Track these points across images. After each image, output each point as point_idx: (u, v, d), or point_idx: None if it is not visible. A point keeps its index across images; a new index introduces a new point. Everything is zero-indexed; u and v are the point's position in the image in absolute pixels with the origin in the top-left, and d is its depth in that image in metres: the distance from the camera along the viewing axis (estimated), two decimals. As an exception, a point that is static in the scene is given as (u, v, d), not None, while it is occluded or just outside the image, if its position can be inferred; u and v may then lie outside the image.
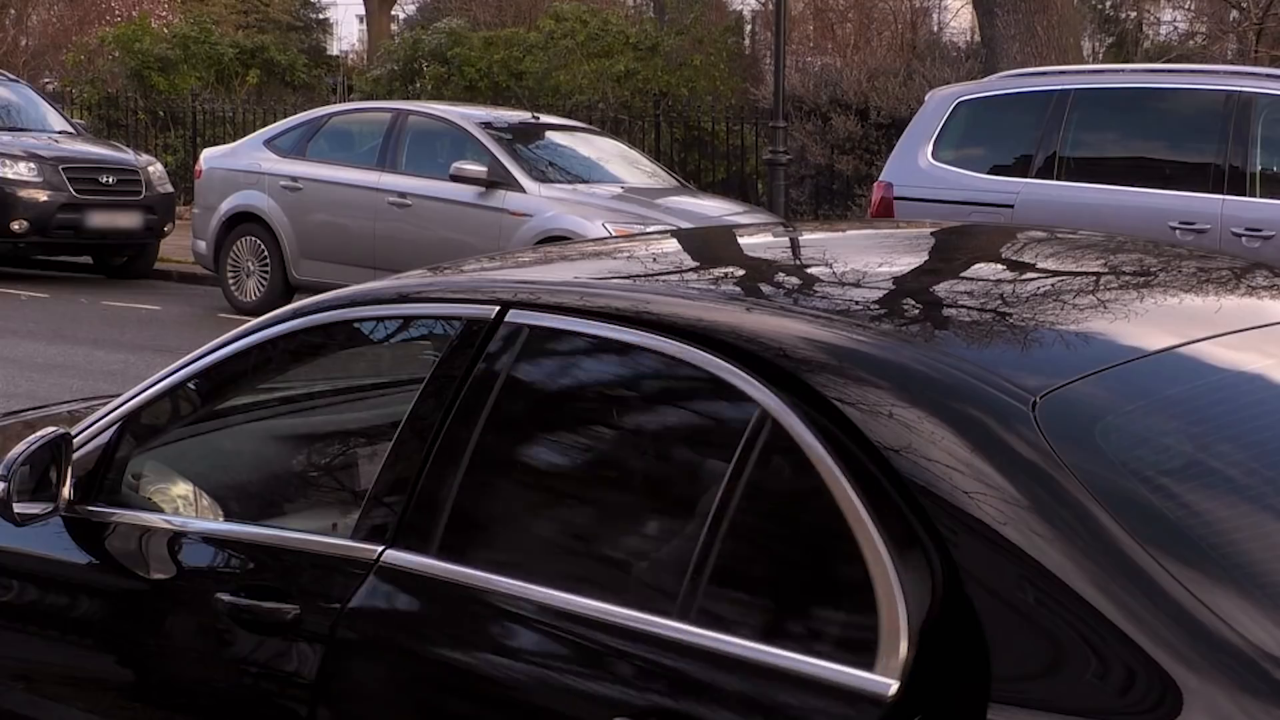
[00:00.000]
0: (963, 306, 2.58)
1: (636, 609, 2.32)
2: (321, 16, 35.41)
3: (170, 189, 15.81)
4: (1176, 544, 1.94)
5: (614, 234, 10.45)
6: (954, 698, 1.98)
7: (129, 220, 15.03)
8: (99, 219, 14.85)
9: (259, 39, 25.05)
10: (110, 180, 15.05)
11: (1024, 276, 2.89)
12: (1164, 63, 15.32)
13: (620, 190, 12.02)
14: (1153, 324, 2.52)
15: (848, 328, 2.30)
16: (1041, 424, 2.04)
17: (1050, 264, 3.03)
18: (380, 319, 3.09)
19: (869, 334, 2.29)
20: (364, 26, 33.23)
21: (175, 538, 3.04)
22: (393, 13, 30.13)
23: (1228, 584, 1.91)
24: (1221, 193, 8.71)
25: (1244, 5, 17.73)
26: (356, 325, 3.10)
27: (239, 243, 13.15)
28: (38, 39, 28.52)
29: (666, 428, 2.60)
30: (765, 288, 2.76)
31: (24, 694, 3.24)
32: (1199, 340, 2.41)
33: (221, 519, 3.31)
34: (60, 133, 16.19)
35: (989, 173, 9.59)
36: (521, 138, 12.50)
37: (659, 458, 2.59)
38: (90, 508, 3.12)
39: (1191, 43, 20.20)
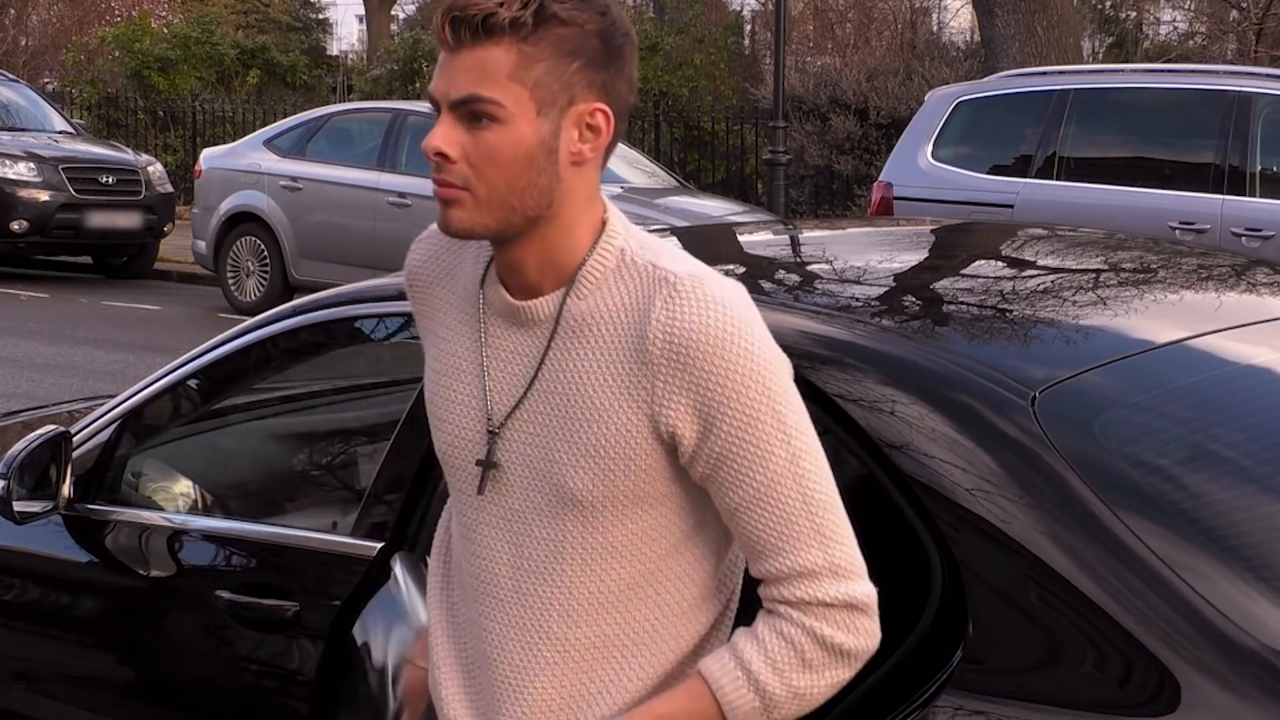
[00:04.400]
0: (964, 303, 2.58)
1: None
2: (321, 16, 35.40)
3: (170, 189, 15.80)
4: (1178, 537, 1.94)
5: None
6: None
7: (129, 220, 15.02)
8: (99, 219, 14.84)
9: (259, 39, 25.06)
10: (110, 180, 15.04)
11: (1024, 273, 2.89)
12: (1164, 63, 15.32)
13: (620, 190, 12.01)
14: (1153, 319, 2.52)
15: (849, 324, 2.30)
16: (1042, 418, 2.04)
17: (1051, 260, 3.03)
18: (381, 316, 3.08)
19: (870, 330, 2.29)
20: (364, 26, 33.21)
21: (175, 536, 3.04)
22: (393, 13, 30.13)
23: (1230, 577, 1.90)
24: (1221, 193, 8.70)
25: (1244, 5, 17.74)
26: (357, 322, 3.10)
27: (239, 243, 13.15)
28: (38, 39, 28.54)
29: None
30: (766, 284, 2.76)
31: (25, 693, 3.24)
32: (1201, 335, 2.41)
33: (221, 517, 3.31)
34: (60, 133, 16.19)
35: (989, 173, 9.58)
36: (521, 138, 12.49)
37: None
38: (90, 506, 3.12)
39: (1191, 43, 20.21)
